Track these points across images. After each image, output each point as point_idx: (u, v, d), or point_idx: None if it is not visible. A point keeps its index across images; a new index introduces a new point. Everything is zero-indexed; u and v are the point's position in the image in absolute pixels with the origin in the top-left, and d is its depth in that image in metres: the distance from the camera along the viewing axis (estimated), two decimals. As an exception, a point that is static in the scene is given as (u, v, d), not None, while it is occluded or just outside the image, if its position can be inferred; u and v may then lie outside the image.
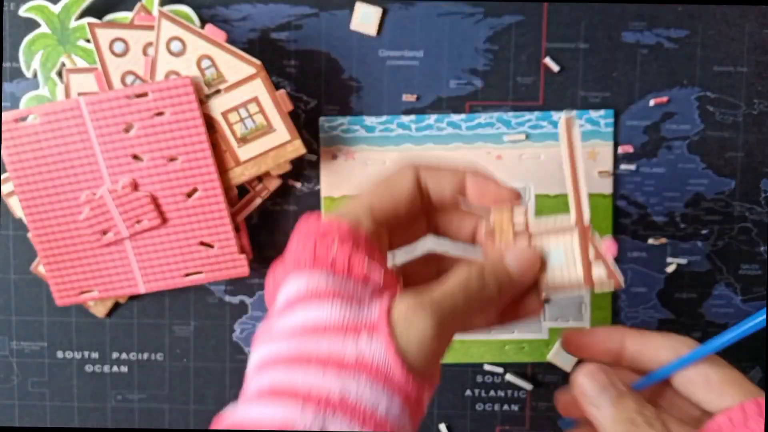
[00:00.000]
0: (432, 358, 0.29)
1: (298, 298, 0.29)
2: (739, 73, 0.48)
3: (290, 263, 0.31)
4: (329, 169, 0.47)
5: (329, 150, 0.48)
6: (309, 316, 0.29)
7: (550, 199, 0.47)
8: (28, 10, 0.47)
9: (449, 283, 0.30)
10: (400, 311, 0.28)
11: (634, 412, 0.31)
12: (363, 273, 0.30)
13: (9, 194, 0.47)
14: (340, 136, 0.47)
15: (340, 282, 0.29)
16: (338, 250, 0.30)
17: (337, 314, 0.28)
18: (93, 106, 0.44)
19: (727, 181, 0.49)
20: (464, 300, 0.30)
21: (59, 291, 0.47)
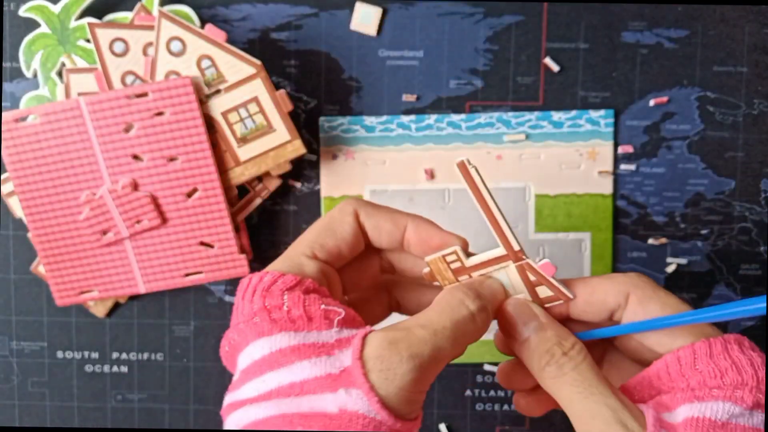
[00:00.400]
0: (415, 401, 0.27)
1: (264, 362, 0.28)
2: (739, 73, 0.48)
3: (245, 327, 0.29)
4: (329, 169, 0.48)
5: (329, 150, 0.48)
6: (281, 379, 0.27)
7: (550, 199, 0.48)
8: (28, 10, 0.47)
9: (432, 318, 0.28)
10: (375, 358, 0.26)
11: (554, 344, 0.29)
12: (321, 319, 0.28)
13: (9, 194, 0.47)
14: (340, 136, 0.47)
15: (303, 336, 0.28)
16: (290, 303, 0.28)
17: (309, 372, 0.27)
18: (93, 106, 0.44)
19: (727, 181, 0.49)
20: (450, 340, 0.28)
21: (59, 291, 0.47)
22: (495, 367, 0.50)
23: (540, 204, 0.48)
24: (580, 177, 0.47)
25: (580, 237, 0.48)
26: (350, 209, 0.32)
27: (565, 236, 0.48)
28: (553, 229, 0.48)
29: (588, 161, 0.47)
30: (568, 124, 0.47)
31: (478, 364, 0.50)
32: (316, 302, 0.28)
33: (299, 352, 0.27)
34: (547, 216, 0.48)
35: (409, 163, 0.47)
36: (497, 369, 0.34)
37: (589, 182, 0.48)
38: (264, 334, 0.28)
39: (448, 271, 0.31)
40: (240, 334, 0.29)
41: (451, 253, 0.31)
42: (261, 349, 0.28)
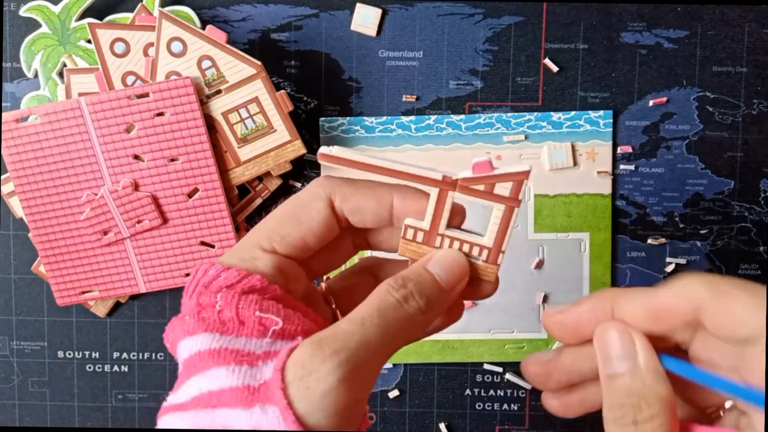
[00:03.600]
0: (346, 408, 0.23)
1: (186, 364, 0.25)
2: (739, 74, 0.49)
3: (177, 324, 0.26)
4: (329, 170, 0.48)
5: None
6: (201, 386, 0.24)
7: (549, 199, 0.48)
8: (29, 10, 0.47)
9: (359, 310, 0.25)
10: (297, 364, 0.23)
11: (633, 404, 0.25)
12: (255, 325, 0.25)
13: (9, 194, 0.48)
14: (340, 137, 0.48)
15: (228, 340, 0.25)
16: (222, 302, 0.25)
17: (225, 381, 0.24)
18: (94, 107, 0.45)
19: (726, 181, 0.49)
20: (380, 328, 0.25)
21: (60, 291, 0.48)
22: (495, 366, 0.50)
23: (539, 204, 0.48)
24: (579, 177, 0.48)
25: (579, 237, 0.48)
26: (322, 193, 0.28)
27: (564, 236, 0.48)
28: (552, 229, 0.48)
29: (587, 161, 0.48)
30: (567, 124, 0.48)
31: (478, 363, 0.50)
32: (251, 306, 0.25)
33: (218, 356, 0.24)
34: (546, 216, 0.48)
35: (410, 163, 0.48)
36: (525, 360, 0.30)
37: (588, 182, 0.48)
38: (189, 333, 0.25)
39: (422, 247, 0.29)
40: (173, 332, 0.27)
41: (405, 230, 0.28)
42: (187, 349, 0.25)
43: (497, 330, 0.49)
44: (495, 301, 0.45)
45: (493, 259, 0.29)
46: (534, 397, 0.50)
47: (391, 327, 0.25)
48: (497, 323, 0.49)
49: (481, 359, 0.50)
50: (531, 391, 0.50)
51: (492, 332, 0.49)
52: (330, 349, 0.23)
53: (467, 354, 0.49)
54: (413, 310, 0.26)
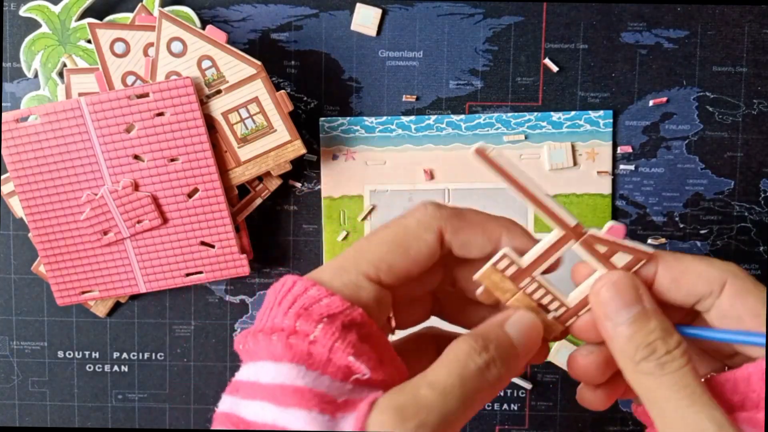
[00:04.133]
0: None
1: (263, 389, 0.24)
2: (739, 74, 0.49)
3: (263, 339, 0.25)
4: (329, 169, 0.48)
5: (329, 150, 0.48)
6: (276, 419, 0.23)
7: None
8: (29, 10, 0.47)
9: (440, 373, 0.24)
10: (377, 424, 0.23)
11: (657, 338, 0.26)
12: (343, 367, 0.24)
13: (9, 194, 0.48)
14: (340, 137, 0.48)
15: (314, 379, 0.24)
16: (320, 334, 0.24)
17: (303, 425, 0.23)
18: (94, 107, 0.45)
19: (726, 181, 0.50)
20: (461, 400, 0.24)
21: (60, 291, 0.48)
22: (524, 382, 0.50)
23: None
24: (579, 177, 0.48)
25: None
26: (433, 224, 0.27)
27: None
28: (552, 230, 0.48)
29: (587, 161, 0.48)
30: (567, 124, 0.48)
31: None
32: (347, 348, 0.24)
33: (302, 397, 0.23)
34: None
35: (409, 163, 0.48)
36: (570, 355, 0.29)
37: (588, 182, 0.48)
38: (274, 358, 0.25)
39: (506, 281, 0.27)
40: (255, 344, 0.26)
41: (501, 258, 0.27)
42: (269, 375, 0.24)
43: None
44: None
45: (564, 319, 0.28)
46: (534, 397, 0.51)
47: (471, 396, 0.24)
48: None
49: None
50: (531, 391, 0.51)
51: None
52: (412, 422, 0.23)
53: None
54: (494, 378, 0.25)
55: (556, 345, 0.50)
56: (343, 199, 0.48)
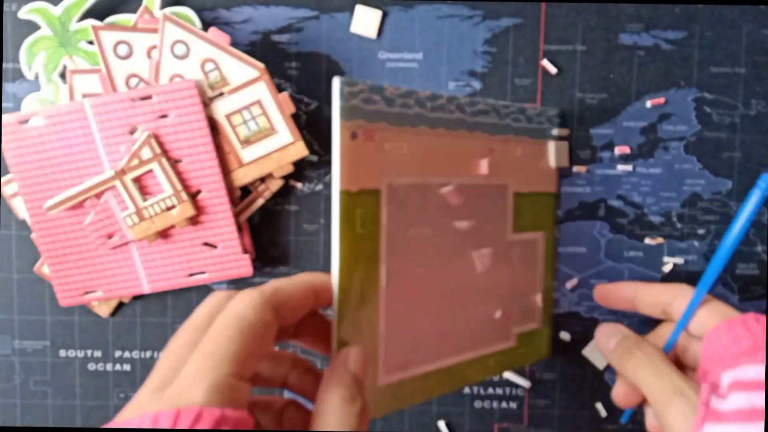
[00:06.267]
0: None
1: None
2: (737, 74, 0.51)
3: None
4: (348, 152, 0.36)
5: (349, 125, 0.36)
6: None
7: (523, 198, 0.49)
8: (29, 12, 0.49)
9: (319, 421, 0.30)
10: None
11: (632, 344, 0.42)
12: None
13: (12, 195, 0.50)
14: (360, 108, 0.37)
15: None
16: None
17: None
18: (97, 108, 0.47)
19: (723, 181, 0.51)
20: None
21: (63, 292, 0.50)
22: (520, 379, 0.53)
23: (516, 202, 0.48)
24: (540, 175, 0.50)
25: (536, 237, 0.50)
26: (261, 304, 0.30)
27: (530, 236, 0.50)
28: (524, 229, 0.49)
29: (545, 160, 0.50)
30: (537, 120, 0.49)
31: None
32: None
33: None
34: (520, 215, 0.48)
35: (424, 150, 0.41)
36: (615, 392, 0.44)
37: (546, 181, 0.51)
38: None
39: None
40: None
41: None
42: None
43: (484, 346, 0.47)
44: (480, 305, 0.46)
45: None
46: (532, 395, 0.53)
47: None
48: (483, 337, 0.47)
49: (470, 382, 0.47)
50: (529, 389, 0.53)
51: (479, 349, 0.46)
52: None
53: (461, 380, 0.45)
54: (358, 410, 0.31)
55: (591, 344, 0.52)
56: (360, 195, 0.37)
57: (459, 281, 0.43)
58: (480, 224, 0.44)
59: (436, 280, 0.41)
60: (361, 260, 0.36)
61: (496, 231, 0.46)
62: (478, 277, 0.44)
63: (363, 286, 0.36)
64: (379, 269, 0.37)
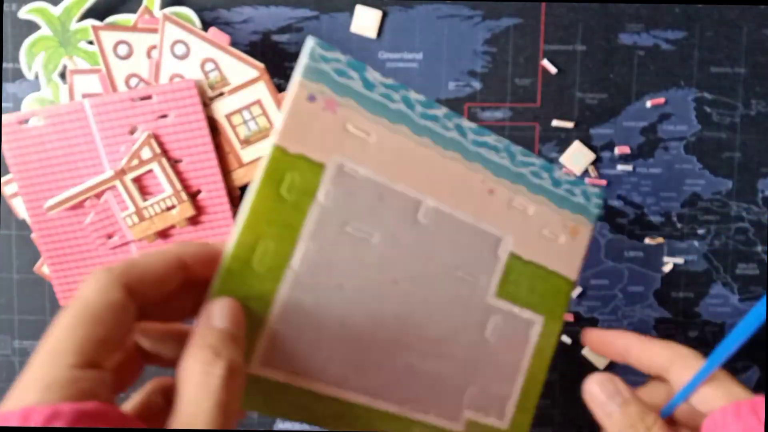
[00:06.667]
0: None
1: None
2: (737, 74, 0.51)
3: None
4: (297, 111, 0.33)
5: (307, 86, 0.33)
6: None
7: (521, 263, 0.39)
8: (29, 12, 0.49)
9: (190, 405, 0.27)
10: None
11: (637, 418, 0.36)
12: None
13: (12, 195, 0.50)
14: (327, 75, 0.34)
15: None
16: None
17: None
18: (97, 108, 0.48)
19: (723, 181, 0.52)
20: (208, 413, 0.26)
21: (63, 292, 0.50)
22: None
23: (510, 264, 0.39)
24: (556, 250, 0.40)
25: (533, 319, 0.39)
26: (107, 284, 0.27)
27: (520, 312, 0.39)
28: (513, 299, 0.39)
29: (568, 237, 0.40)
30: (566, 187, 0.41)
31: None
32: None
33: None
34: (512, 282, 0.39)
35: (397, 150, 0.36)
36: None
37: (561, 260, 0.40)
38: None
39: None
40: None
41: None
42: None
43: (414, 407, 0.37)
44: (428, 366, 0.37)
45: None
46: None
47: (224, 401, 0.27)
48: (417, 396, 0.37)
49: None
50: None
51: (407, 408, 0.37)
52: None
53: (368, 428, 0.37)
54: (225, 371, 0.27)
55: None
56: (298, 159, 0.33)
57: (401, 315, 0.36)
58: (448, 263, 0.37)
59: (371, 298, 0.35)
60: (275, 226, 0.32)
61: (470, 284, 0.37)
62: (431, 323, 0.36)
63: (267, 256, 0.32)
64: (294, 247, 0.33)
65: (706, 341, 0.53)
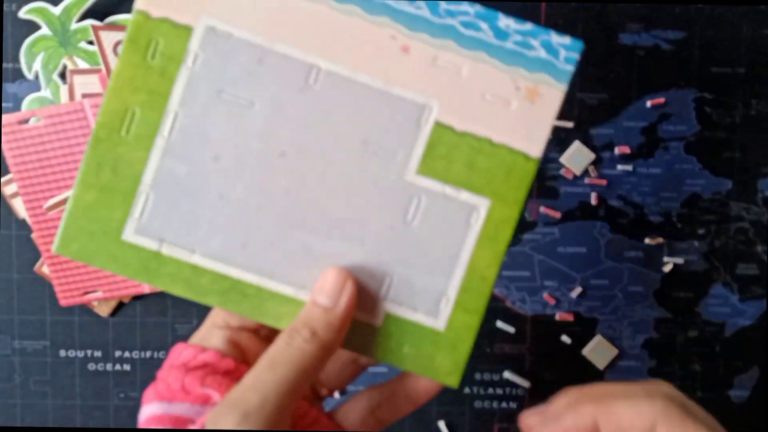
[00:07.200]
0: None
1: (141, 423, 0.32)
2: (737, 74, 0.51)
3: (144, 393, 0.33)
4: None
5: None
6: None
7: (452, 134, 0.33)
8: (29, 12, 0.50)
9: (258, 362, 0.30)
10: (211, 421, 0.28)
11: None
12: (200, 396, 0.31)
13: (12, 195, 0.50)
14: None
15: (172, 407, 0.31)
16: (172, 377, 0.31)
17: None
18: (97, 109, 0.48)
19: (723, 181, 0.52)
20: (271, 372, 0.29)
21: (63, 292, 0.50)
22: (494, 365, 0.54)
23: (437, 136, 0.33)
24: (505, 119, 0.33)
25: (474, 202, 0.33)
26: None
27: (455, 193, 0.33)
28: (443, 178, 0.33)
29: (523, 101, 0.33)
30: (516, 39, 0.33)
31: (480, 359, 0.53)
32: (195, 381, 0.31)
33: (156, 421, 0.30)
34: (441, 157, 0.33)
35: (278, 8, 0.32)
36: None
37: (513, 131, 0.33)
38: (144, 402, 0.32)
39: None
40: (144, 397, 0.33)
41: None
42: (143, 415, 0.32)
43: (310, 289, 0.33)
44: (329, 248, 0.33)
45: None
46: (533, 395, 0.53)
47: (281, 366, 0.29)
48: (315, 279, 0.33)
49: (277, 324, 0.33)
50: (529, 389, 0.53)
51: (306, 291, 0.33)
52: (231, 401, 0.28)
53: (259, 309, 0.33)
54: (299, 343, 0.30)
55: (593, 344, 0.52)
56: (162, 23, 0.31)
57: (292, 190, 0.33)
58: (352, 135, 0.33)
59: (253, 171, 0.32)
60: (142, 93, 0.31)
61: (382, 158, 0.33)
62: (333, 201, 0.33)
63: (135, 123, 0.31)
64: (162, 114, 0.32)
65: (706, 341, 0.53)
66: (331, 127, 0.32)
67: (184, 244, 0.32)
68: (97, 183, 0.31)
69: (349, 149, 0.33)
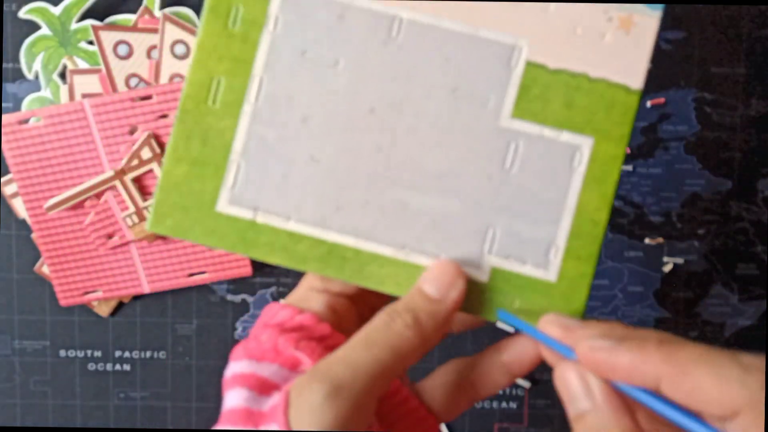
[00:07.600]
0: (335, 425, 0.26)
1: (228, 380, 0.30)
2: (737, 75, 0.51)
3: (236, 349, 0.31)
4: None
5: None
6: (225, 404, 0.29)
7: (546, 74, 0.32)
8: (29, 12, 0.50)
9: (353, 337, 0.28)
10: (295, 388, 0.27)
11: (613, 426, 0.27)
12: (292, 358, 0.29)
13: (12, 195, 0.51)
14: None
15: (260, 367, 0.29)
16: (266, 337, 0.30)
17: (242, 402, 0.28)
18: (97, 109, 0.48)
19: (723, 181, 0.52)
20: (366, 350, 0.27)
21: (63, 291, 0.51)
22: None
23: (530, 77, 0.32)
24: (600, 52, 0.32)
25: (576, 142, 0.32)
26: None
27: (554, 135, 0.32)
28: (540, 120, 0.32)
29: (618, 32, 0.32)
30: None
31: None
32: (288, 343, 0.29)
33: (243, 380, 0.29)
34: (536, 98, 0.32)
35: None
36: None
37: (611, 64, 0.32)
38: (234, 359, 0.30)
39: None
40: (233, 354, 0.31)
41: None
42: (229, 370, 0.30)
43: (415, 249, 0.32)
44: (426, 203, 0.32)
45: None
46: (533, 395, 0.53)
47: (377, 347, 0.28)
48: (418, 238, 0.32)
49: (379, 287, 0.32)
50: (530, 389, 0.53)
51: (407, 250, 0.32)
52: (320, 372, 0.27)
53: (361, 273, 0.32)
54: (399, 327, 0.28)
55: None
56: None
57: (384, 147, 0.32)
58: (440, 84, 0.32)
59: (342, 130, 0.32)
60: (226, 61, 0.31)
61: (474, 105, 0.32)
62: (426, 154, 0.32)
63: (221, 92, 0.31)
64: (248, 80, 0.32)
65: (706, 341, 0.53)
66: (418, 78, 0.32)
67: (278, 210, 0.32)
68: (188, 156, 0.31)
69: (438, 99, 0.32)
